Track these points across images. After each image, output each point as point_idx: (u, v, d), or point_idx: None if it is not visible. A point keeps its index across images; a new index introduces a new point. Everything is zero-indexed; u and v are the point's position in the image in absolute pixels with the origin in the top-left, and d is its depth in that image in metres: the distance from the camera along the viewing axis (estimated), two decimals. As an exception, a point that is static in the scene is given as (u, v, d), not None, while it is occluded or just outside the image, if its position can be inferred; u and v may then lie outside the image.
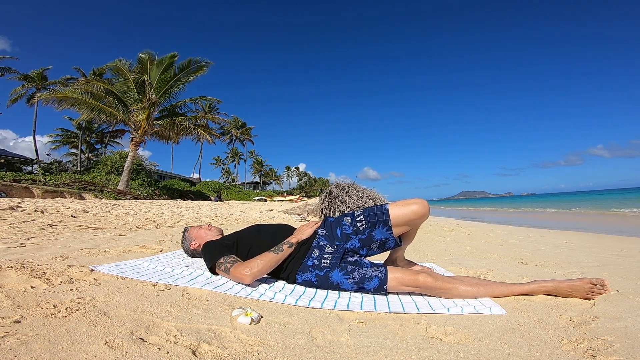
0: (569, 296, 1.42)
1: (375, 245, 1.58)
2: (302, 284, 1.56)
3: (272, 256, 1.53)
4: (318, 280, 1.50)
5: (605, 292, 1.39)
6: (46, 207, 4.94)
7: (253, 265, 1.48)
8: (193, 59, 16.55)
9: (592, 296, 1.39)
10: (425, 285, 1.39)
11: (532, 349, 0.97)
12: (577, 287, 1.41)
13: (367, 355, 0.93)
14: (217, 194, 26.72)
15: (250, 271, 1.47)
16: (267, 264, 1.50)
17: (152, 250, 2.37)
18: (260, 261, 1.50)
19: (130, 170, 15.84)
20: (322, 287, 1.51)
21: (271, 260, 1.51)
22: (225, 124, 34.34)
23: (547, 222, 8.38)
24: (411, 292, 1.45)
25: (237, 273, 1.48)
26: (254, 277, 1.47)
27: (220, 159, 56.06)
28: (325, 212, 3.01)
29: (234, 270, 1.49)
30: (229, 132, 51.20)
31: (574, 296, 1.41)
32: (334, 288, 1.49)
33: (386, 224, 1.54)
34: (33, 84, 26.62)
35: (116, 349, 0.85)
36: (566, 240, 3.79)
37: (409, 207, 1.54)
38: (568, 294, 1.42)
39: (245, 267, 1.48)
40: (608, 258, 2.51)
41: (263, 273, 1.50)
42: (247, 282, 1.47)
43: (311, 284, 1.53)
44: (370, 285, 1.44)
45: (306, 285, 1.55)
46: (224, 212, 7.78)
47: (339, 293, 1.46)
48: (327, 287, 1.50)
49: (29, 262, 1.67)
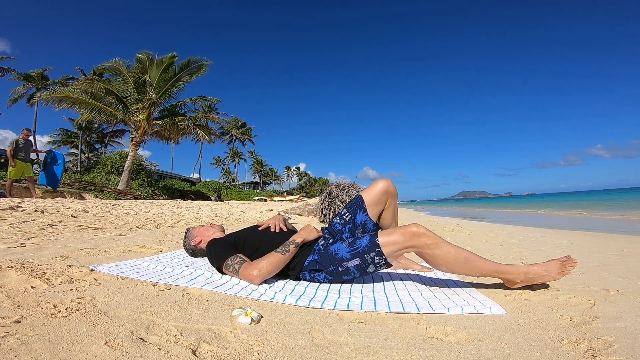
0: (544, 278, 1.48)
1: (359, 230, 1.70)
2: (307, 267, 1.61)
3: (279, 257, 1.56)
4: (320, 256, 1.61)
5: (575, 264, 1.46)
6: (46, 207, 4.93)
7: (262, 267, 1.52)
8: (192, 59, 16.55)
9: (565, 272, 1.46)
10: (417, 231, 1.44)
11: (532, 349, 0.97)
12: (550, 266, 1.48)
13: (367, 355, 0.93)
14: (217, 193, 26.72)
15: (259, 272, 1.50)
16: (274, 265, 1.54)
17: (152, 250, 2.37)
18: (268, 262, 1.53)
19: (130, 170, 15.83)
20: (323, 262, 1.58)
21: (279, 261, 1.55)
22: (225, 124, 34.40)
23: (547, 222, 8.38)
24: (405, 247, 1.45)
25: (246, 274, 1.52)
26: (263, 277, 1.51)
27: (220, 159, 56.08)
28: (325, 212, 3.01)
29: (243, 271, 1.53)
30: (229, 132, 51.20)
31: (550, 276, 1.47)
32: (332, 259, 1.56)
33: (362, 207, 1.70)
34: (33, 84, 26.64)
35: (116, 349, 0.85)
36: (566, 240, 3.79)
37: (375, 186, 1.74)
38: (544, 274, 1.48)
39: (254, 269, 1.51)
40: (608, 258, 2.51)
41: (271, 274, 1.54)
42: (257, 283, 1.50)
43: (315, 263, 1.61)
44: (362, 242, 1.51)
45: (312, 267, 1.61)
46: (224, 212, 7.78)
47: (339, 293, 1.46)
48: (328, 259, 1.57)
49: (29, 262, 1.67)
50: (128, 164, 15.77)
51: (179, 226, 4.20)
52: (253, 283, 1.51)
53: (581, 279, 1.80)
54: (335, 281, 1.62)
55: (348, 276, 1.57)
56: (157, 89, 15.86)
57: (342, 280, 1.63)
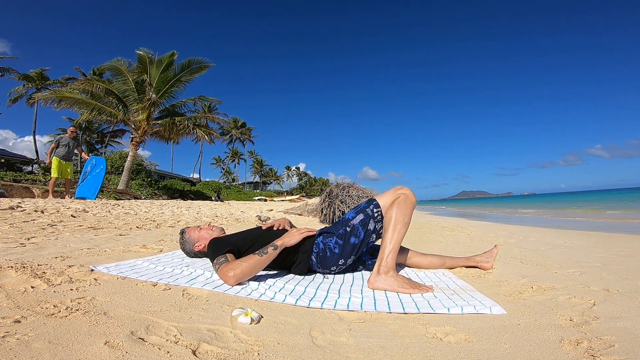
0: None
1: None
2: (320, 234, 1.78)
3: (256, 259, 1.53)
4: (332, 226, 1.81)
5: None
6: (46, 207, 4.93)
7: (236, 267, 1.48)
8: (193, 59, 16.51)
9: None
10: (400, 187, 1.73)
11: (532, 349, 0.97)
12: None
13: (367, 355, 0.93)
14: (217, 193, 26.71)
15: (233, 273, 1.47)
16: (250, 267, 1.50)
17: (152, 250, 2.37)
18: (245, 264, 1.50)
19: (130, 170, 15.82)
20: (334, 228, 1.76)
21: (255, 263, 1.52)
22: (225, 124, 34.35)
23: (547, 222, 8.38)
24: (393, 199, 1.69)
25: (223, 274, 1.49)
26: (237, 279, 1.47)
27: (220, 159, 56.07)
28: (325, 212, 3.01)
29: (220, 271, 1.51)
30: (229, 132, 51.19)
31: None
32: (341, 222, 1.77)
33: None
34: (33, 84, 26.63)
35: (116, 349, 0.85)
36: (566, 240, 3.79)
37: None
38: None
39: (229, 269, 1.48)
40: (608, 258, 2.51)
41: (247, 276, 1.50)
42: (231, 284, 1.47)
43: (327, 233, 1.76)
44: (362, 203, 1.76)
45: (325, 230, 1.79)
46: (224, 212, 7.78)
47: (339, 293, 1.46)
48: (338, 224, 1.77)
49: (29, 262, 1.67)
50: (128, 164, 15.77)
51: (179, 226, 4.20)
52: (228, 284, 1.48)
53: (581, 279, 1.80)
54: (345, 248, 1.70)
55: (355, 238, 1.68)
56: (157, 89, 15.85)
57: (350, 246, 1.70)
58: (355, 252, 1.73)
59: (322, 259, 1.72)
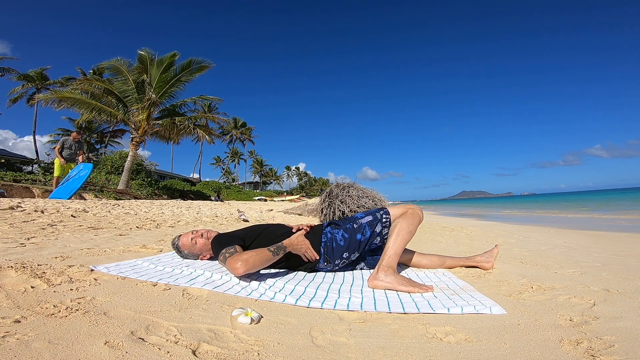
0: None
1: None
2: (328, 225, 1.83)
3: (269, 256, 1.57)
4: (343, 221, 1.84)
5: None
6: (46, 207, 4.93)
7: (248, 258, 1.50)
8: (194, 59, 16.50)
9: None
10: (410, 205, 1.81)
11: (532, 349, 0.97)
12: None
13: (367, 355, 0.93)
14: (217, 193, 26.71)
15: (243, 263, 1.49)
16: (261, 261, 1.53)
17: (152, 250, 2.37)
18: (257, 257, 1.52)
19: (130, 170, 15.81)
20: (342, 222, 1.82)
21: (267, 258, 1.56)
22: (225, 123, 34.35)
23: (547, 222, 8.38)
24: (402, 212, 1.77)
25: (231, 264, 1.50)
26: (247, 270, 1.49)
27: (220, 159, 56.07)
28: (325, 212, 3.01)
29: (230, 260, 1.52)
30: (229, 132, 51.18)
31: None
32: (350, 218, 1.85)
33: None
34: (33, 84, 26.62)
35: (116, 348, 0.85)
36: (566, 240, 3.79)
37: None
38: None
39: (238, 260, 1.49)
40: (608, 258, 2.51)
41: (256, 268, 1.53)
42: (239, 273, 1.48)
43: (335, 224, 1.83)
44: (373, 209, 1.85)
45: (333, 221, 1.86)
46: (224, 212, 7.77)
47: (339, 293, 1.46)
48: (346, 219, 1.85)
49: (29, 262, 1.67)
50: (128, 164, 15.76)
51: (179, 226, 4.20)
52: (235, 273, 1.49)
53: (581, 279, 1.80)
54: (351, 242, 1.73)
55: (361, 235, 1.72)
56: (157, 89, 15.84)
57: (355, 242, 1.73)
58: (359, 249, 1.77)
59: (330, 249, 1.76)
